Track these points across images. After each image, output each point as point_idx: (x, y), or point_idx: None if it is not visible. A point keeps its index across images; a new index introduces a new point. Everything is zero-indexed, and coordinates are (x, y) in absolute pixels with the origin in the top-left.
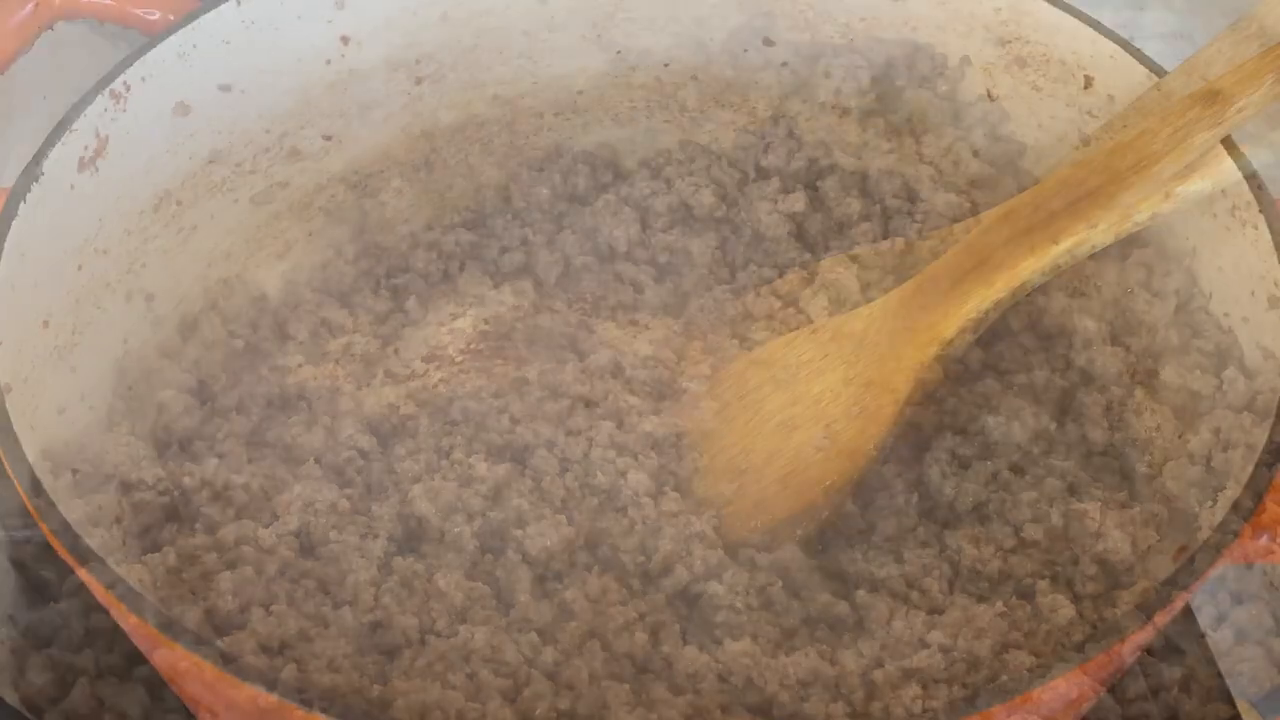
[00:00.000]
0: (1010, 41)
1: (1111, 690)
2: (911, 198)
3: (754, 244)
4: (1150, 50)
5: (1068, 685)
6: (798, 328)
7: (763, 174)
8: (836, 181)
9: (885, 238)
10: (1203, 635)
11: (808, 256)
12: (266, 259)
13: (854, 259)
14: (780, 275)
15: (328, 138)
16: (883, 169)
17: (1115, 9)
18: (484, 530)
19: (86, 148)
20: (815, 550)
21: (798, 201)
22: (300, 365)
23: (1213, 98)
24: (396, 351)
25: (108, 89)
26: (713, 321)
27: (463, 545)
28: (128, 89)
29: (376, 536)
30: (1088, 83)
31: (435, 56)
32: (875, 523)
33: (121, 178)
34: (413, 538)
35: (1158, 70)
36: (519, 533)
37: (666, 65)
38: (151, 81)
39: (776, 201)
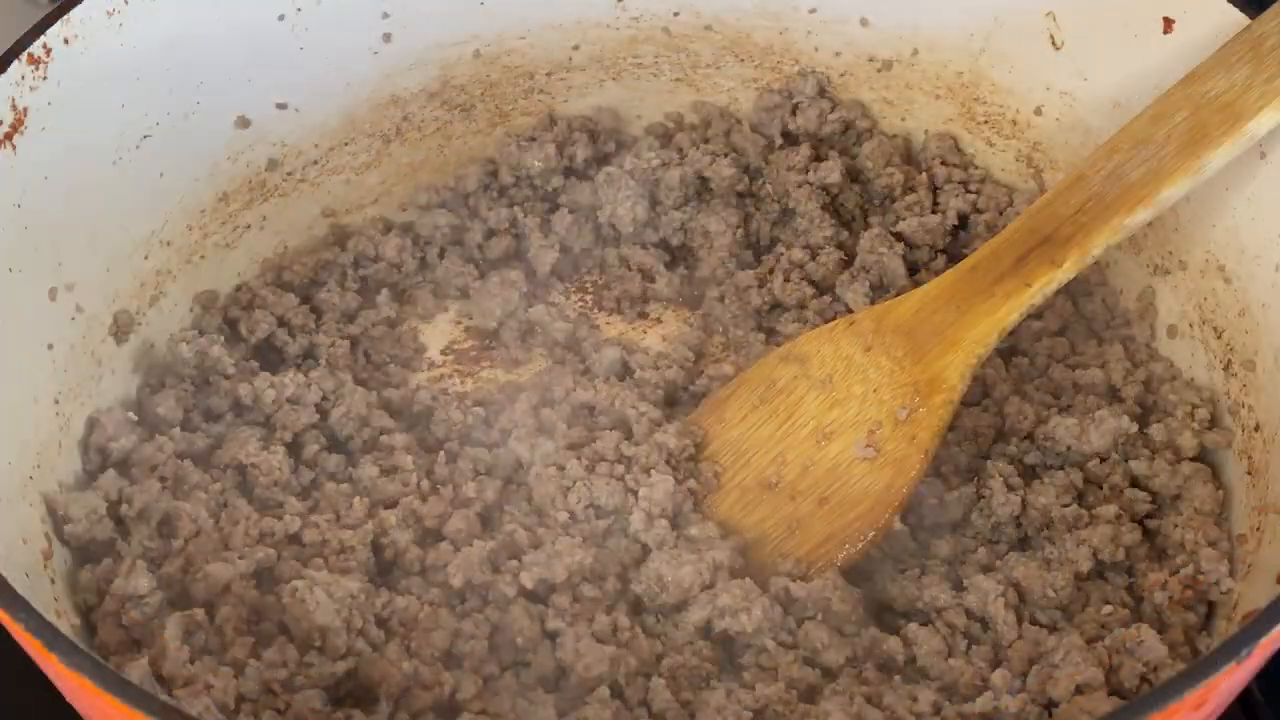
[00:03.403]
0: None
1: None
2: (964, 164)
3: (781, 222)
4: None
5: None
6: (834, 318)
7: (790, 140)
8: (876, 147)
9: (934, 211)
10: None
11: (845, 235)
12: (213, 248)
13: (899, 237)
14: (813, 258)
15: (282, 105)
16: (931, 131)
17: None
18: (472, 561)
19: (2, 122)
20: (859, 578)
21: (832, 171)
22: (255, 372)
23: None
24: (366, 354)
25: (25, 53)
26: (734, 313)
27: (448, 579)
28: (49, 53)
29: (347, 571)
30: (1167, 25)
31: (406, 7)
32: (929, 544)
33: (43, 156)
34: (389, 571)
35: (1245, 11)
36: (514, 563)
37: (676, 14)
38: (77, 44)
39: (807, 171)
